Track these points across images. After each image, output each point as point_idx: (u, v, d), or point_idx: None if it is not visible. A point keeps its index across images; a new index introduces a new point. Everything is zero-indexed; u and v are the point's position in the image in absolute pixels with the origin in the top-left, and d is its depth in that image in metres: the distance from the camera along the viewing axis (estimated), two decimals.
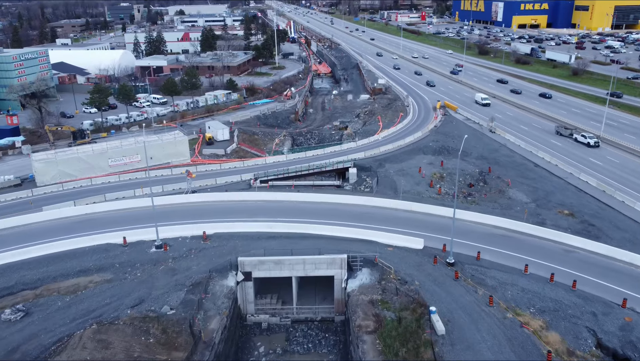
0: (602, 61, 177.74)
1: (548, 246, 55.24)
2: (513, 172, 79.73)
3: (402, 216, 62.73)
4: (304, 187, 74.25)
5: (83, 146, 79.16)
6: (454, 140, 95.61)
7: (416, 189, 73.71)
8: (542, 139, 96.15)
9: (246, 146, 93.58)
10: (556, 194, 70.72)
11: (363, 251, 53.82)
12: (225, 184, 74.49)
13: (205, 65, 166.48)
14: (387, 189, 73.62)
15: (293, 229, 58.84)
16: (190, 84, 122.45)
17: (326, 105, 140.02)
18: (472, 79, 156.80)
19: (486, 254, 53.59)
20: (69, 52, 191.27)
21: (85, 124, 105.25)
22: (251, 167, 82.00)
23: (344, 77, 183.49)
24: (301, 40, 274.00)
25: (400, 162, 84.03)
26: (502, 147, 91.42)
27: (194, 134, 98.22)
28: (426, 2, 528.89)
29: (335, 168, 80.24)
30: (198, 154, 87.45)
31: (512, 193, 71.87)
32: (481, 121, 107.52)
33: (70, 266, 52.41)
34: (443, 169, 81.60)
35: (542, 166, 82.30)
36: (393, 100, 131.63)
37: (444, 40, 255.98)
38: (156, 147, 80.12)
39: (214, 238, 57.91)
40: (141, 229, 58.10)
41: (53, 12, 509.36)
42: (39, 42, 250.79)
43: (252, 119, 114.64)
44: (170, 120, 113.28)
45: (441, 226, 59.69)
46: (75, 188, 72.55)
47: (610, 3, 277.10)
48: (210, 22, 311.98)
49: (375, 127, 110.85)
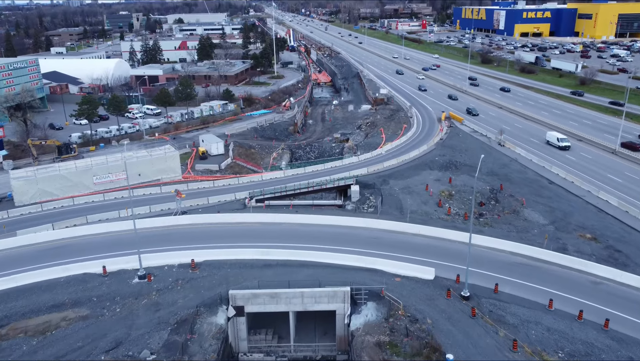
0: (610, 70, 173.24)
1: (573, 276, 49.90)
2: (526, 189, 74.56)
3: (410, 240, 57.44)
4: (302, 207, 69.05)
5: (66, 163, 74.00)
6: (462, 154, 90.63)
7: (424, 209, 68.50)
8: (555, 154, 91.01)
9: (242, 161, 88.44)
10: (575, 215, 65.46)
11: (368, 282, 48.58)
12: (218, 204, 69.21)
13: (202, 74, 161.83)
14: (393, 209, 68.41)
15: (291, 256, 53.55)
16: (184, 95, 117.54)
17: (326, 116, 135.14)
18: (476, 88, 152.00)
19: (505, 286, 48.24)
20: (62, 61, 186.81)
21: (73, 137, 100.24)
22: (246, 184, 76.80)
23: (344, 86, 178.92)
24: (301, 48, 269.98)
25: (406, 179, 78.90)
26: (512, 162, 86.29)
27: (187, 148, 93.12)
28: (426, 10, 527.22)
29: (336, 186, 75.07)
30: (190, 170, 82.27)
31: (528, 214, 66.60)
32: (489, 134, 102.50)
33: (42, 301, 47.03)
34: (451, 186, 76.40)
35: (557, 183, 77.08)
36: (396, 111, 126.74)
37: (445, 49, 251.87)
38: (145, 163, 74.98)
39: (204, 266, 52.58)
40: (124, 257, 52.78)
41: (51, 21, 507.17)
42: (33, 50, 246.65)
43: (249, 131, 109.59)
44: (163, 132, 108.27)
45: (453, 252, 54.45)
46: (56, 208, 67.21)
47: (614, 11, 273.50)
48: (209, 31, 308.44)
49: (377, 140, 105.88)
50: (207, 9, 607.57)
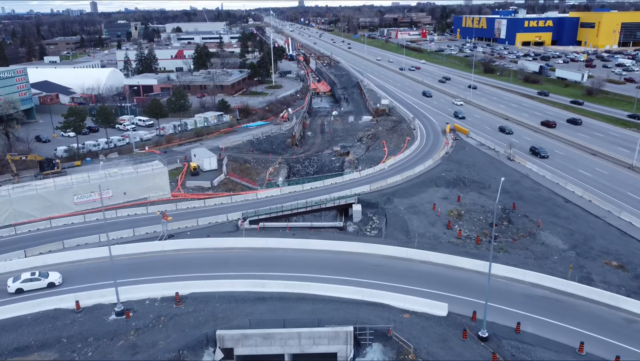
0: (617, 80, 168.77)
1: (603, 313, 44.51)
2: (541, 209, 69.35)
3: (418, 269, 52.07)
4: (300, 229, 63.69)
5: (44, 181, 68.57)
6: (469, 169, 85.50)
7: (432, 232, 63.22)
8: (567, 168, 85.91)
9: (236, 177, 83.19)
10: (597, 238, 60.17)
11: (373, 319, 43.22)
12: (208, 226, 63.80)
13: (197, 84, 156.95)
14: (398, 231, 63.12)
15: (287, 288, 48.11)
16: (177, 106, 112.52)
17: (326, 127, 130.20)
18: (480, 99, 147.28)
19: (527, 324, 42.83)
20: (54, 70, 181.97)
21: (59, 150, 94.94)
22: (240, 203, 71.44)
23: (344, 96, 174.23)
24: (299, 57, 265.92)
25: (411, 197, 73.66)
26: (524, 179, 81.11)
27: (178, 163, 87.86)
28: (425, 19, 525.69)
29: (336, 205, 69.79)
30: (180, 187, 76.92)
31: (545, 237, 61.31)
32: (497, 147, 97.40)
33: (4, 343, 41.44)
34: (460, 205, 71.15)
35: (574, 201, 71.87)
36: (398, 122, 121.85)
37: (447, 58, 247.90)
38: (130, 180, 69.74)
39: (190, 300, 47.09)
40: (101, 289, 47.29)
41: (49, 30, 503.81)
42: (27, 59, 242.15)
43: (245, 144, 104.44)
44: (154, 145, 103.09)
45: (467, 283, 49.14)
46: (31, 231, 61.73)
47: (617, 20, 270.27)
48: (207, 40, 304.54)
49: (379, 153, 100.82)
50: (206, 19, 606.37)
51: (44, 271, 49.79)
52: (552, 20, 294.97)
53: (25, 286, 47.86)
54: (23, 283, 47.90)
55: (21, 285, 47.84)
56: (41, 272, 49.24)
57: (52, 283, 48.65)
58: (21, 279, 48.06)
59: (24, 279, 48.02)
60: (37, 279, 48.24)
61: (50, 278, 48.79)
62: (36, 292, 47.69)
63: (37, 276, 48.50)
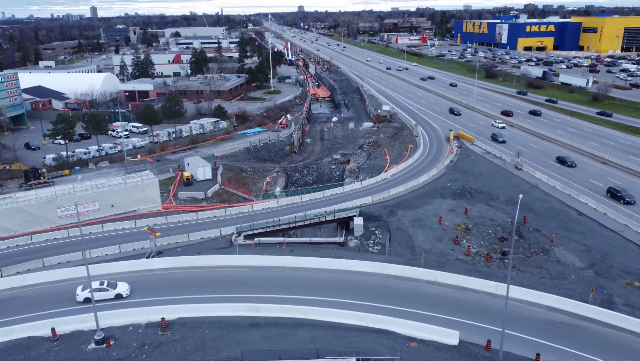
0: (622, 86, 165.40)
1: (629, 342, 40.58)
2: (554, 223, 65.52)
3: (426, 291, 48.13)
4: (298, 245, 59.78)
5: (26, 193, 64.67)
6: (476, 179, 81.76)
7: (438, 248, 59.35)
8: (578, 178, 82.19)
9: (231, 187, 79.35)
10: (616, 255, 56.34)
11: (377, 349, 39.32)
12: (200, 242, 59.85)
13: (193, 89, 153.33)
14: (403, 247, 59.22)
15: (283, 312, 44.17)
16: (172, 112, 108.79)
17: (325, 134, 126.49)
18: (484, 104, 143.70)
19: (548, 354, 38.84)
20: (48, 75, 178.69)
21: (47, 159, 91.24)
22: (234, 216, 67.52)
23: (344, 102, 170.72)
24: (299, 62, 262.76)
25: (415, 209, 69.82)
26: (533, 189, 77.28)
27: (171, 172, 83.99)
28: (425, 24, 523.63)
29: (336, 218, 65.93)
30: (172, 199, 73.01)
31: (560, 254, 57.46)
32: (503, 155, 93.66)
33: None
34: (468, 218, 67.36)
35: (588, 214, 68.05)
36: (400, 129, 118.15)
37: (448, 63, 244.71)
38: (118, 192, 65.87)
39: (177, 326, 43.12)
40: (80, 314, 43.30)
41: (47, 34, 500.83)
42: (22, 64, 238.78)
43: (241, 152, 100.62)
44: (147, 153, 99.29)
45: (479, 307, 45.22)
46: (10, 247, 57.74)
47: (620, 24, 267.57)
48: (205, 44, 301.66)
49: (381, 162, 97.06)
50: (206, 23, 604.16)
51: (113, 281, 47.07)
52: (553, 25, 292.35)
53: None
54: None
55: (89, 294, 44.78)
56: (110, 282, 46.63)
57: (120, 295, 45.93)
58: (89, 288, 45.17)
59: (93, 289, 44.95)
60: (104, 289, 45.71)
61: (118, 288, 46.13)
62: (104, 302, 45.02)
63: (105, 286, 45.88)
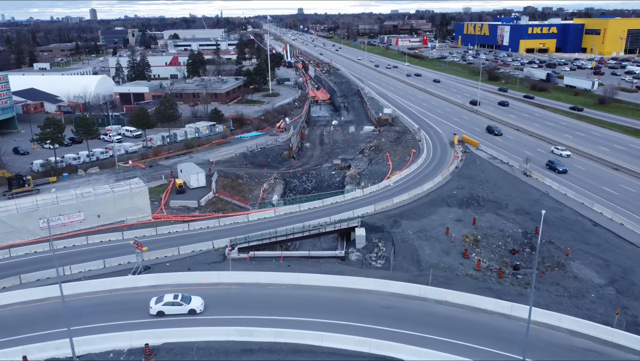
0: (628, 88, 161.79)
1: None
2: (568, 234, 61.70)
3: (434, 311, 44.27)
4: (296, 259, 55.91)
5: (6, 202, 60.73)
6: (483, 186, 77.99)
7: (446, 262, 55.52)
8: (588, 184, 78.38)
9: (226, 195, 75.46)
10: (637, 271, 52.55)
11: None
12: (191, 256, 55.94)
13: (189, 92, 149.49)
14: (408, 261, 55.39)
15: (279, 337, 40.35)
16: (166, 115, 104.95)
17: (325, 138, 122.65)
18: (490, 110, 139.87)
19: None
20: (42, 77, 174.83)
21: (35, 165, 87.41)
22: (229, 227, 63.59)
23: (344, 105, 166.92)
24: (298, 65, 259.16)
25: (420, 219, 66.00)
26: (544, 197, 73.44)
27: (163, 179, 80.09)
28: (426, 27, 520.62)
29: (337, 229, 62.08)
30: (164, 208, 69.11)
31: (577, 269, 53.62)
32: (511, 161, 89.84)
33: None
34: (476, 229, 63.58)
35: (603, 224, 64.21)
36: (402, 133, 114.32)
37: (449, 65, 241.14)
38: (105, 201, 61.98)
39: (163, 352, 39.25)
40: (57, 340, 39.38)
41: (45, 37, 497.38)
42: (17, 66, 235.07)
43: (238, 157, 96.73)
44: (140, 158, 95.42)
45: (493, 330, 41.40)
46: None
47: (623, 26, 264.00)
48: (204, 46, 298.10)
49: (383, 167, 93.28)
50: (205, 25, 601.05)
51: (187, 294, 43.90)
52: (556, 27, 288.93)
53: (166, 309, 42.66)
54: (165, 306, 42.54)
55: (163, 308, 42.32)
56: (184, 295, 43.56)
57: (193, 310, 42.79)
58: (163, 301, 42.49)
59: (166, 302, 42.35)
60: (178, 303, 42.71)
61: (192, 303, 42.96)
62: (176, 317, 42.23)
63: (179, 300, 42.83)
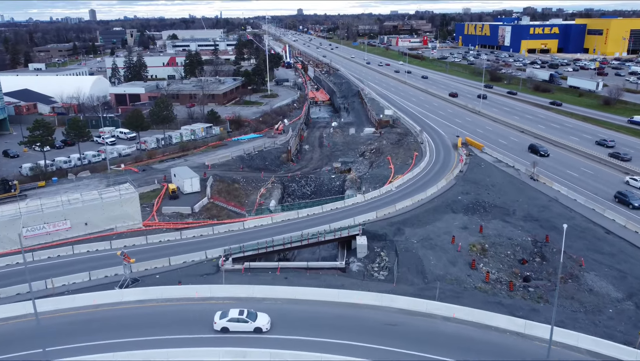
0: (633, 89, 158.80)
1: None
2: (580, 243, 58.59)
3: (442, 330, 41.15)
4: (294, 270, 52.84)
5: None
6: (489, 191, 74.97)
7: (453, 273, 52.46)
8: (595, 188, 75.26)
9: (221, 201, 72.38)
10: None
11: None
12: (182, 267, 52.83)
13: (186, 93, 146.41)
14: (412, 273, 52.34)
15: (274, 358, 37.30)
16: (160, 117, 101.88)
17: (324, 140, 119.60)
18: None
19: None
20: (36, 78, 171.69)
21: (24, 168, 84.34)
22: (223, 235, 60.45)
23: (344, 106, 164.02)
24: (297, 65, 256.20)
25: (425, 226, 62.98)
26: (553, 203, 70.33)
27: (156, 184, 76.98)
28: (426, 27, 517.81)
29: (337, 238, 59.01)
30: (155, 214, 65.99)
31: (592, 281, 50.56)
32: (517, 164, 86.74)
33: None
34: (483, 237, 60.53)
35: (616, 232, 61.11)
36: (404, 135, 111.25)
37: (450, 66, 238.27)
38: (93, 208, 58.91)
39: None
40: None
41: (43, 37, 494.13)
42: (11, 66, 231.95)
43: (234, 160, 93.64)
44: (133, 162, 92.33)
45: (506, 351, 38.31)
46: None
47: (626, 26, 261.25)
48: (202, 47, 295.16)
49: (384, 171, 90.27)
50: (204, 26, 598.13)
51: (253, 311, 41.16)
52: (558, 28, 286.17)
53: (231, 326, 40.09)
54: (230, 322, 40.13)
55: (227, 324, 40.17)
56: (250, 312, 40.91)
57: (259, 329, 40.05)
58: (228, 317, 40.01)
59: (231, 318, 39.74)
60: (244, 320, 40.11)
61: (258, 321, 40.26)
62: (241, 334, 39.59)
63: (244, 316, 40.24)
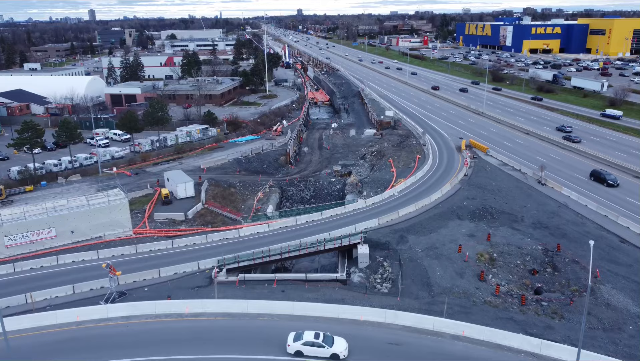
0: (638, 90, 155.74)
1: None
2: (593, 252, 55.15)
3: (451, 350, 38.11)
4: (291, 283, 49.72)
5: None
6: (495, 196, 71.93)
7: (460, 286, 49.39)
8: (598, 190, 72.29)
9: (216, 206, 69.32)
10: None
11: None
12: (173, 279, 49.72)
13: (182, 93, 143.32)
14: (417, 285, 49.28)
15: None
16: (155, 118, 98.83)
17: (324, 142, 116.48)
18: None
19: None
20: (31, 78, 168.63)
21: (12, 171, 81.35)
22: (217, 244, 57.36)
23: (344, 106, 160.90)
24: (297, 65, 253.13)
25: (429, 234, 59.96)
26: (562, 209, 67.33)
27: (149, 188, 73.91)
28: (426, 27, 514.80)
29: (337, 247, 55.98)
30: (147, 221, 62.91)
31: (609, 295, 47.52)
32: (523, 168, 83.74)
33: None
34: (491, 246, 57.48)
35: (631, 240, 58.16)
36: (405, 137, 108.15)
37: (451, 66, 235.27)
38: (80, 216, 55.83)
39: None
40: None
41: (41, 37, 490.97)
42: (6, 66, 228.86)
43: (231, 163, 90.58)
44: (127, 164, 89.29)
45: None
46: None
47: (629, 26, 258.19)
48: (201, 47, 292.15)
49: (386, 174, 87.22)
50: (203, 26, 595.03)
51: (329, 335, 37.76)
52: (560, 27, 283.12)
53: (305, 350, 36.78)
54: (304, 345, 36.86)
55: (302, 348, 36.88)
56: (326, 335, 37.56)
57: (336, 355, 36.42)
58: (303, 340, 37.00)
59: (306, 341, 36.86)
60: (320, 345, 36.68)
61: (335, 347, 36.68)
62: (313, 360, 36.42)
63: (320, 340, 36.87)
